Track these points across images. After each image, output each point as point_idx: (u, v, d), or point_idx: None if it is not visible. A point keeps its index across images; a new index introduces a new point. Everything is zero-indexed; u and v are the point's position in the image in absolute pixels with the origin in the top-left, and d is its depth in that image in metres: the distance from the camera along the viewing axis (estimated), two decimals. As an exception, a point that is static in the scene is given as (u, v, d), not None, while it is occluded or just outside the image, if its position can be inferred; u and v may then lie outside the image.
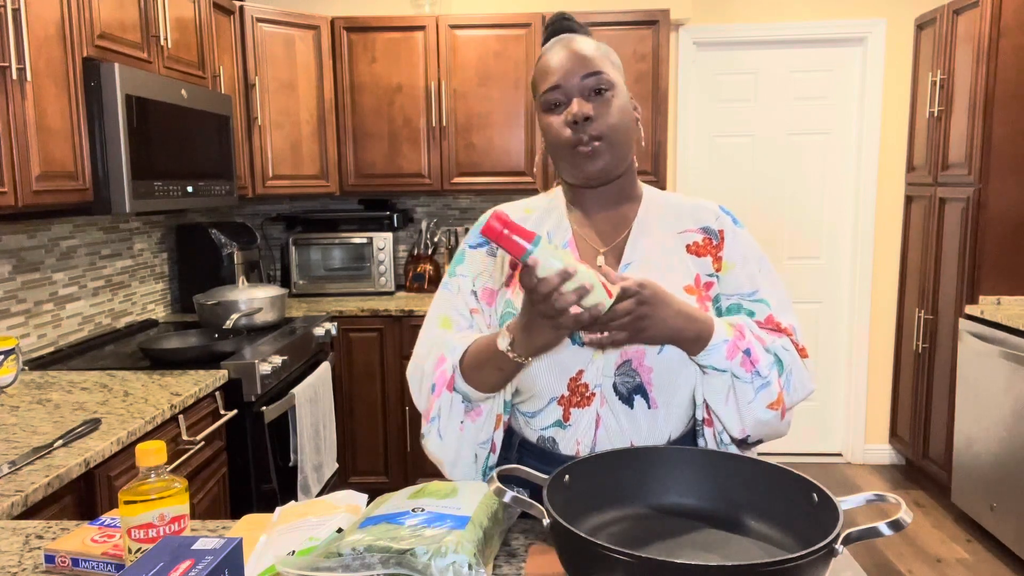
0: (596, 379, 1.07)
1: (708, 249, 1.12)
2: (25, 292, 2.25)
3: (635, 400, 1.07)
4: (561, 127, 1.06)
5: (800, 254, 3.83)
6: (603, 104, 1.05)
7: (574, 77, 1.06)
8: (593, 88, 1.06)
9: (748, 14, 3.63)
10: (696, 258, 1.12)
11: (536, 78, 1.11)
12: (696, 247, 1.12)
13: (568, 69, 1.06)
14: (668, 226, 1.14)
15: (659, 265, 1.10)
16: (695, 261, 1.12)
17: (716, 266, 1.12)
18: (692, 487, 0.92)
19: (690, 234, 1.13)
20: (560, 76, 1.06)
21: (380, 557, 0.82)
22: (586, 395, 1.07)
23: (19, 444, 1.51)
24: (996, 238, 3.03)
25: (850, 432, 3.88)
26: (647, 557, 0.66)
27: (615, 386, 1.07)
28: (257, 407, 2.24)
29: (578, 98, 1.05)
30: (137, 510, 0.83)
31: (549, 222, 1.16)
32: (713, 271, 1.12)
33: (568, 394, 1.08)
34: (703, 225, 1.14)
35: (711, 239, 1.13)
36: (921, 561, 2.89)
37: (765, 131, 3.75)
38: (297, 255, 3.50)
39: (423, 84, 3.35)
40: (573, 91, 1.06)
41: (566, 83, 1.06)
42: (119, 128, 2.03)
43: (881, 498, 0.78)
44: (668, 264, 1.11)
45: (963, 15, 3.13)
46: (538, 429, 1.12)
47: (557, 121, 1.07)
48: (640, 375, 1.06)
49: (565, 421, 1.09)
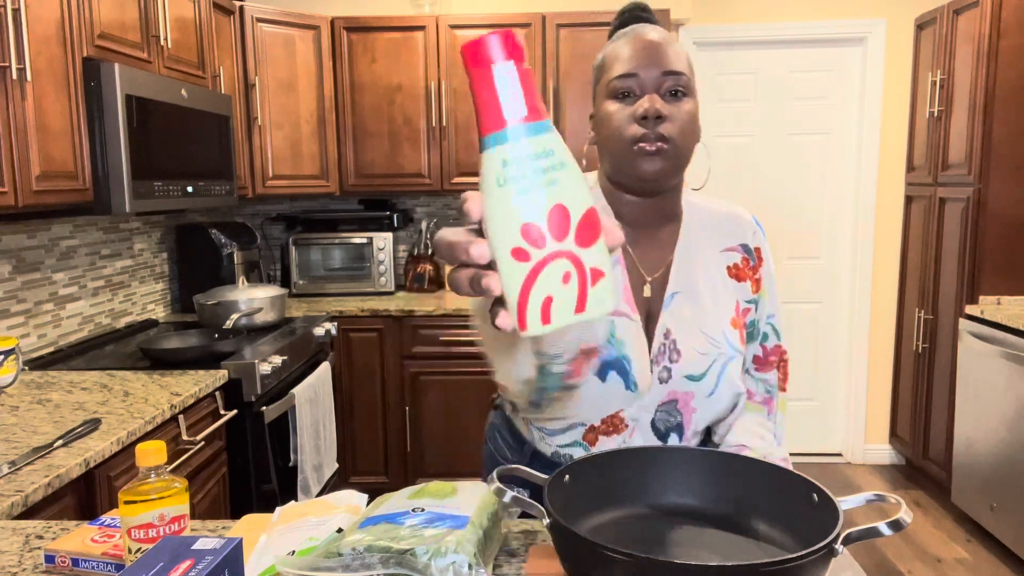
0: (635, 413, 1.04)
1: (746, 271, 1.09)
2: (25, 292, 2.25)
3: (670, 436, 1.06)
4: (626, 119, 0.98)
5: (800, 254, 3.83)
6: (677, 107, 0.98)
7: (654, 70, 0.97)
8: (671, 88, 0.98)
9: (748, 14, 3.63)
10: (736, 283, 1.08)
11: (606, 62, 1.02)
12: (736, 270, 1.08)
13: (649, 60, 0.98)
14: (709, 245, 1.08)
15: (706, 296, 1.05)
16: (735, 287, 1.08)
17: (754, 288, 1.09)
18: (692, 487, 0.92)
19: (730, 254, 1.08)
20: (638, 65, 0.98)
21: (380, 557, 0.82)
22: (619, 426, 1.04)
23: (19, 444, 1.51)
24: (996, 238, 3.03)
25: (850, 432, 3.88)
26: (647, 557, 0.66)
27: (654, 422, 1.05)
28: (257, 407, 2.24)
29: (653, 94, 0.97)
30: (137, 510, 0.83)
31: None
32: (751, 296, 1.09)
33: (599, 424, 1.05)
34: (742, 242, 1.09)
35: (749, 259, 1.09)
36: (921, 561, 2.89)
37: (765, 131, 3.75)
38: (297, 255, 3.50)
39: (423, 84, 3.35)
40: (649, 85, 0.98)
41: (644, 74, 0.97)
42: (119, 128, 2.03)
43: (881, 498, 0.78)
44: (714, 294, 1.06)
45: (963, 15, 3.13)
46: (555, 446, 1.09)
47: (623, 112, 0.98)
48: (683, 415, 1.05)
49: (590, 444, 1.06)
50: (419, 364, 3.23)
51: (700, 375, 1.03)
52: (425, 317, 3.19)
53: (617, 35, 1.04)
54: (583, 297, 0.52)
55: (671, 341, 1.03)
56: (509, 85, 0.50)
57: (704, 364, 1.03)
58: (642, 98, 0.97)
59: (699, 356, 1.03)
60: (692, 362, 1.03)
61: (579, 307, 0.52)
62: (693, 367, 1.03)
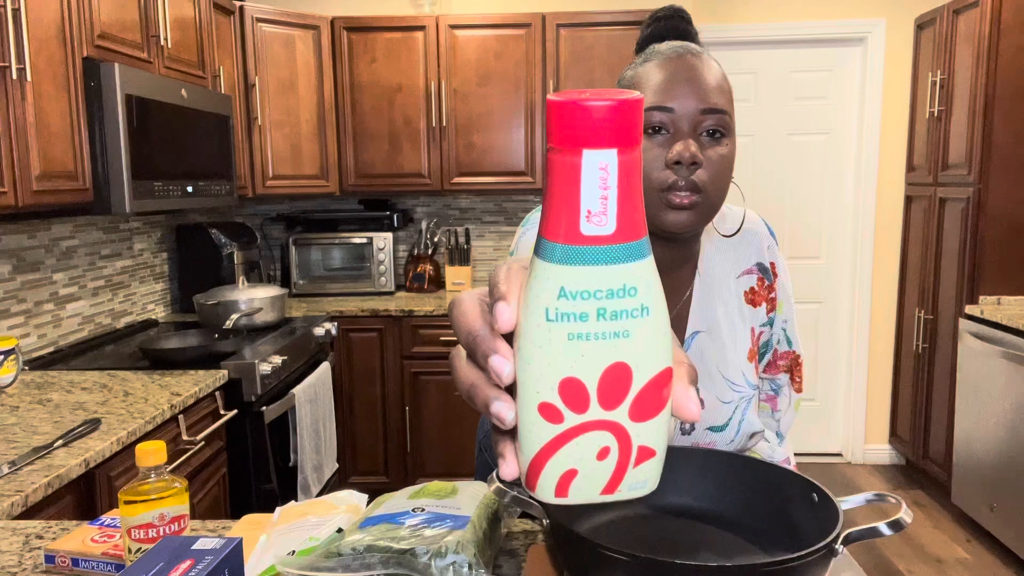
0: None
1: (761, 293, 1.04)
2: (25, 292, 2.25)
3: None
4: (656, 161, 0.86)
5: (800, 254, 3.83)
6: (714, 150, 0.87)
7: (692, 105, 0.86)
8: (710, 128, 0.86)
9: (748, 14, 3.63)
10: (752, 309, 1.03)
11: (636, 84, 0.89)
12: (752, 294, 1.03)
13: (689, 92, 0.86)
14: (726, 273, 1.02)
15: (725, 331, 1.00)
16: (751, 314, 1.03)
17: (769, 309, 1.05)
18: (692, 487, 0.92)
19: (746, 278, 1.03)
20: (676, 97, 0.86)
21: (380, 557, 0.82)
22: None
23: (19, 444, 1.51)
24: (996, 238, 3.03)
25: (850, 432, 3.88)
26: (647, 557, 0.66)
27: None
28: (257, 407, 2.24)
29: (691, 137, 0.86)
30: (137, 510, 0.83)
31: None
32: (766, 318, 1.05)
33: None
34: (757, 261, 1.04)
35: (764, 279, 1.04)
36: (921, 561, 2.89)
37: (765, 131, 3.75)
38: (297, 255, 3.50)
39: (423, 84, 3.35)
40: (685, 124, 0.86)
41: (681, 109, 0.86)
42: (119, 128, 2.03)
43: (881, 498, 0.78)
44: (732, 328, 1.01)
45: (963, 15, 3.13)
46: None
47: (652, 151, 0.86)
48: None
49: None
50: (419, 364, 3.23)
51: (723, 425, 1.01)
52: (425, 317, 3.19)
53: (651, 51, 0.91)
54: (618, 478, 0.40)
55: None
56: (600, 185, 0.34)
57: (727, 413, 1.01)
58: (676, 139, 0.86)
59: (721, 406, 1.00)
60: (715, 412, 1.00)
61: (609, 488, 0.40)
62: (715, 417, 1.00)
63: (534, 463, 0.39)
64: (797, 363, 1.12)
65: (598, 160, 0.34)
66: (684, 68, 0.87)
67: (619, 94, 0.34)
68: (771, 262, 1.04)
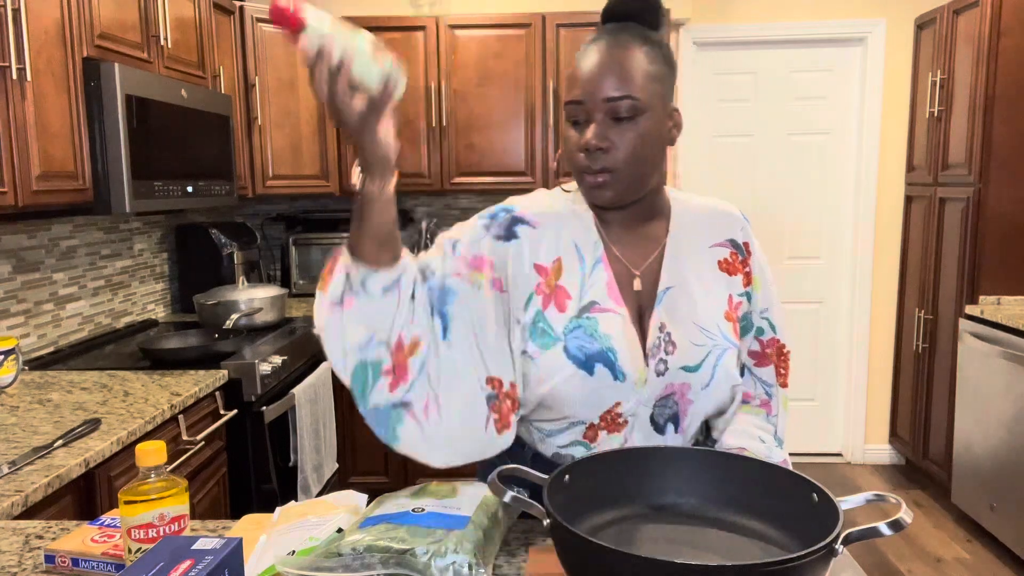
0: (633, 409, 1.03)
1: (737, 265, 1.09)
2: (25, 292, 2.25)
3: (667, 428, 1.06)
4: (574, 148, 0.99)
5: (800, 254, 3.83)
6: (624, 132, 0.96)
7: (597, 96, 0.96)
8: (617, 113, 0.96)
9: (748, 14, 3.63)
10: (728, 276, 1.08)
11: (568, 79, 1.01)
12: (726, 264, 1.09)
13: (596, 84, 0.96)
14: (699, 241, 1.09)
15: (698, 289, 1.06)
16: (727, 281, 1.08)
17: (745, 281, 1.09)
18: (692, 487, 0.92)
19: (719, 249, 1.09)
20: (583, 91, 0.97)
21: (380, 557, 0.82)
22: (619, 422, 1.04)
23: (19, 444, 1.51)
24: (996, 238, 3.03)
25: (850, 432, 3.88)
26: (647, 557, 0.66)
27: (652, 416, 1.05)
28: (257, 407, 2.24)
29: (597, 124, 0.96)
30: (137, 510, 0.83)
31: (572, 228, 1.06)
32: (743, 289, 1.09)
33: (598, 422, 1.04)
34: (730, 237, 1.10)
35: (738, 254, 1.10)
36: (921, 561, 2.89)
37: (765, 131, 3.75)
38: (297, 255, 3.50)
39: (423, 84, 3.35)
40: (594, 111, 0.96)
41: (589, 100, 0.96)
42: (119, 128, 2.03)
43: (881, 498, 0.78)
44: (706, 288, 1.07)
45: (963, 15, 3.13)
46: (555, 447, 1.08)
47: (574, 139, 0.99)
48: (679, 406, 1.05)
49: (591, 443, 1.05)
50: (419, 364, 3.22)
51: (696, 366, 1.03)
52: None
53: (590, 39, 1.01)
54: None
55: (666, 334, 1.03)
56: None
57: (699, 355, 1.03)
58: (588, 126, 0.97)
59: (694, 348, 1.03)
60: (687, 353, 1.03)
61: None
62: (688, 358, 1.03)
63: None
64: (782, 353, 1.14)
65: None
66: (595, 57, 0.97)
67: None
68: (744, 241, 1.10)
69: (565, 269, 1.03)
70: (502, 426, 1.01)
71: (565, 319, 1.01)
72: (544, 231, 1.04)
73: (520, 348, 1.02)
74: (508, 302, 1.03)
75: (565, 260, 1.04)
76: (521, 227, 1.04)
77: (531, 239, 1.04)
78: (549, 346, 1.00)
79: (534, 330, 1.02)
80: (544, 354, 1.01)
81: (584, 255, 1.04)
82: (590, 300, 1.02)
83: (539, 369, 1.01)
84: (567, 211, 1.07)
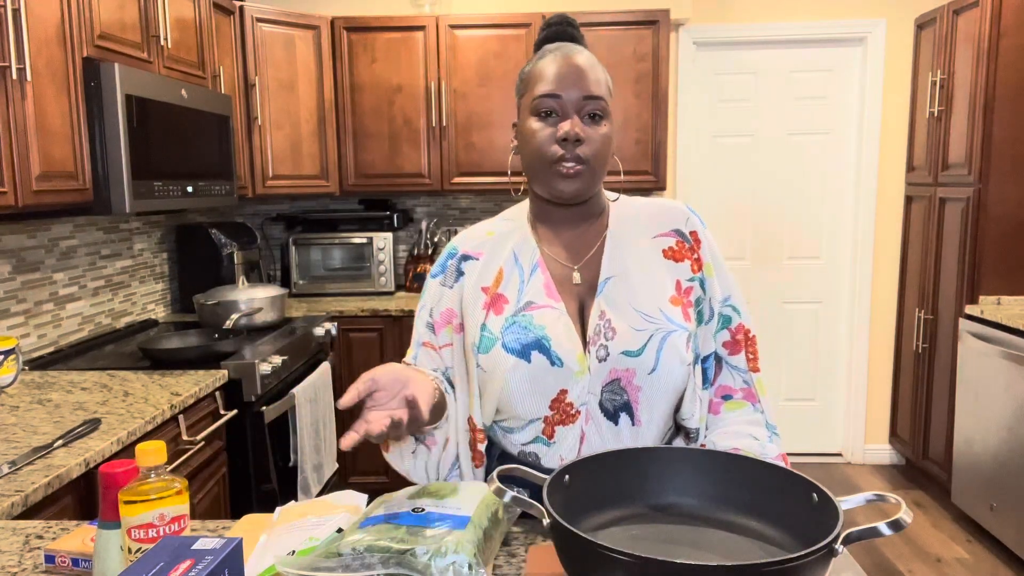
0: (582, 397, 1.05)
1: (684, 252, 1.12)
2: (25, 292, 2.25)
3: (620, 417, 1.06)
4: (548, 139, 1.04)
5: (800, 254, 3.83)
6: (595, 130, 1.05)
7: (576, 93, 1.04)
8: (591, 111, 1.05)
9: (748, 14, 3.63)
10: (674, 263, 1.11)
11: (531, 79, 1.08)
12: (671, 252, 1.12)
13: (572, 83, 1.04)
14: (641, 233, 1.13)
15: (640, 277, 1.09)
16: (673, 267, 1.11)
17: (695, 267, 1.11)
18: (692, 487, 0.92)
19: (663, 239, 1.12)
20: (562, 86, 1.04)
21: (380, 557, 0.82)
22: (571, 413, 1.06)
23: (19, 444, 1.52)
24: (996, 238, 3.03)
25: (850, 432, 3.88)
26: (647, 557, 0.66)
27: (601, 404, 1.06)
28: (257, 407, 2.24)
29: (575, 117, 1.04)
30: (137, 510, 0.83)
31: (512, 242, 1.14)
32: (692, 274, 1.11)
33: (552, 414, 1.06)
34: (674, 228, 1.13)
35: (684, 242, 1.12)
36: (921, 561, 2.89)
37: (765, 131, 3.75)
38: (297, 255, 3.50)
39: (423, 84, 3.36)
40: (570, 107, 1.04)
41: (567, 96, 1.04)
42: (119, 128, 2.03)
43: (881, 498, 0.78)
44: (648, 274, 1.10)
45: (963, 15, 3.13)
46: (519, 444, 1.10)
47: (545, 132, 1.05)
48: (628, 393, 1.06)
49: (549, 439, 1.07)
50: (419, 364, 3.22)
51: (637, 351, 1.05)
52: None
53: (544, 51, 1.09)
54: None
55: (606, 321, 1.06)
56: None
57: (640, 340, 1.05)
58: (563, 119, 1.04)
59: (635, 333, 1.05)
60: (628, 338, 1.05)
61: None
62: (629, 343, 1.05)
63: None
64: (749, 338, 1.15)
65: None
66: (570, 62, 1.05)
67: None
68: (692, 231, 1.14)
69: (505, 278, 1.11)
70: (479, 463, 1.13)
71: (502, 320, 1.08)
72: (487, 257, 1.15)
73: (475, 364, 1.10)
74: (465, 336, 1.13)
75: (505, 270, 1.12)
76: (466, 263, 1.16)
77: (476, 271, 1.14)
78: (490, 348, 1.07)
79: (481, 341, 1.09)
80: (487, 356, 1.07)
81: (522, 263, 1.12)
82: (527, 301, 1.09)
83: (486, 372, 1.08)
84: (505, 229, 1.17)
